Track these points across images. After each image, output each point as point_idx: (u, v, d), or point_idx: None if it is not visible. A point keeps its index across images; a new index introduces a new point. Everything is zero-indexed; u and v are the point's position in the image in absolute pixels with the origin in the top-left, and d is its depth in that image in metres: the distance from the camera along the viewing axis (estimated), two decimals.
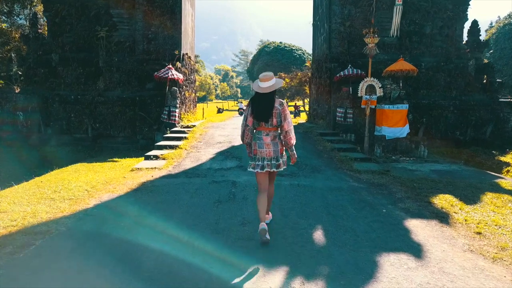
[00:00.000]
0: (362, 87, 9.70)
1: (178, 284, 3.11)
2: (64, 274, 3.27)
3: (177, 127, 12.20)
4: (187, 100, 14.25)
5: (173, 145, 9.57)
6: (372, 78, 9.60)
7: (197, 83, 65.70)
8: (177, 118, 12.17)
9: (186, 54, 14.13)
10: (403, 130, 10.23)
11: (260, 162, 4.10)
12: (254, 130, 4.16)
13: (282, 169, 4.16)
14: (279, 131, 4.14)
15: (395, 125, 10.22)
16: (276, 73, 40.62)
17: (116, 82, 13.07)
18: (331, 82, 12.63)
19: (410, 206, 5.48)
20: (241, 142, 5.25)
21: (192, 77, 15.47)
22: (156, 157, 8.59)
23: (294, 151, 4.19)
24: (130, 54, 13.12)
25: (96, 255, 3.67)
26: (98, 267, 3.40)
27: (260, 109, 4.01)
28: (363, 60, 12.71)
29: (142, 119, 12.75)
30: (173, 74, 11.91)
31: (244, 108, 5.24)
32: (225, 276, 3.26)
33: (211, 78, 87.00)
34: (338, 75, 11.90)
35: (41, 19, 14.91)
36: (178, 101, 12.30)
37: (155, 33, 13.18)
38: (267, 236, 3.96)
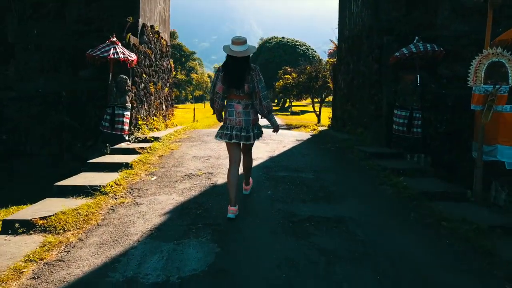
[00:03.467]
0: (478, 67, 4.78)
1: None
2: None
3: (127, 140, 7.31)
4: (153, 98, 9.35)
5: (94, 186, 4.68)
6: (498, 50, 4.69)
7: (194, 81, 60.26)
8: (126, 127, 7.27)
9: (151, 26, 9.23)
10: None
11: (228, 132, 3.84)
12: (225, 99, 3.95)
13: (251, 142, 3.87)
14: (252, 101, 3.85)
15: None
16: (278, 69, 35.74)
17: (35, 67, 8.17)
18: (381, 68, 7.75)
19: None
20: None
21: (164, 63, 10.58)
22: (29, 226, 3.69)
23: (274, 119, 3.97)
24: (58, 23, 8.23)
25: None
26: None
27: (234, 75, 3.75)
28: (430, 32, 7.84)
29: (71, 128, 7.87)
30: (117, 53, 7.02)
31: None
32: None
33: (209, 77, 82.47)
34: (397, 54, 7.02)
35: None
36: (129, 98, 7.40)
37: None
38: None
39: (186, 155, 6.66)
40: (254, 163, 5.98)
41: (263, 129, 4.21)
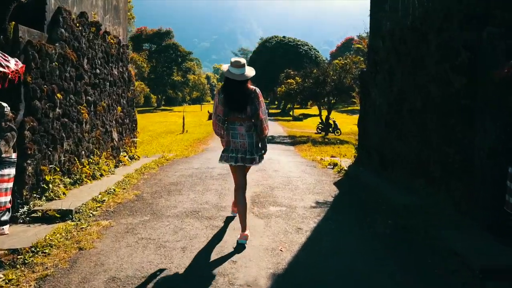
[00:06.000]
0: None
1: None
2: None
3: (2, 223, 3.89)
4: (88, 127, 5.92)
5: None
6: None
7: (190, 83, 56.06)
8: (2, 198, 3.85)
9: (81, 14, 5.81)
10: None
11: (234, 154, 3.70)
12: (226, 121, 3.77)
13: (257, 163, 3.76)
14: (252, 122, 3.72)
15: None
16: (279, 70, 32.35)
17: None
18: (478, 83, 4.30)
19: None
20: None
21: (115, 71, 7.14)
22: None
23: (266, 143, 3.88)
24: None
25: None
26: None
27: (235, 98, 3.65)
28: None
29: None
30: None
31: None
32: None
33: (207, 78, 79.16)
34: None
35: None
36: (8, 143, 3.97)
37: None
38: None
39: (100, 270, 3.19)
40: None
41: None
